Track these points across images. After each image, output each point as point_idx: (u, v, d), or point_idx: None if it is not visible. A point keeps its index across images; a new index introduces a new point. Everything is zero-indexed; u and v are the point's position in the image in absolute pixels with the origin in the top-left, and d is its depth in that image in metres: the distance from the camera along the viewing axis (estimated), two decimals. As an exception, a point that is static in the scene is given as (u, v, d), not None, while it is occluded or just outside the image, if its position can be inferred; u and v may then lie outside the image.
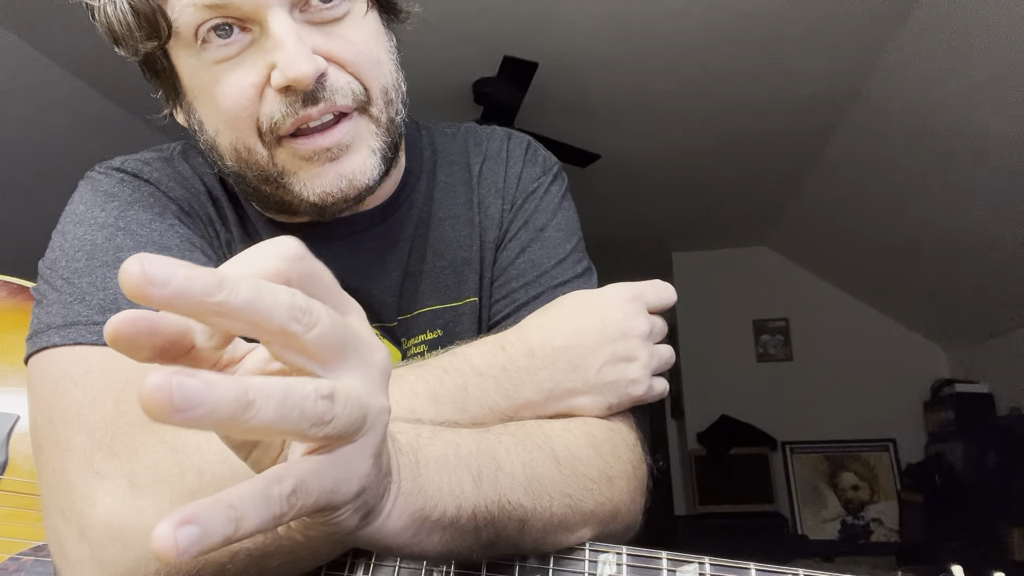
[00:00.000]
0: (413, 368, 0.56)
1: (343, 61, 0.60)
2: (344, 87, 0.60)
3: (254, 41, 0.58)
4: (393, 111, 0.65)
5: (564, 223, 0.75)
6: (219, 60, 0.58)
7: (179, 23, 0.57)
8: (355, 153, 0.62)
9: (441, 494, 0.42)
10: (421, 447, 0.43)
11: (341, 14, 0.61)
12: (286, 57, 0.56)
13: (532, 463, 0.50)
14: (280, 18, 0.57)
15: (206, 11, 0.56)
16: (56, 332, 0.54)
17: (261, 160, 0.62)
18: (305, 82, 0.57)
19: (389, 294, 0.73)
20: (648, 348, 0.61)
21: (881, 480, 4.34)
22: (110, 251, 0.58)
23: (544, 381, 0.58)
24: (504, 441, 0.50)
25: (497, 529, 0.46)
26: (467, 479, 0.45)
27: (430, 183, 0.77)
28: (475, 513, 0.44)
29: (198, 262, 0.59)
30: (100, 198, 0.63)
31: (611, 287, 0.64)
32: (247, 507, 0.27)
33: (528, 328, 0.61)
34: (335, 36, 0.60)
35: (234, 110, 0.59)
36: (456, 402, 0.54)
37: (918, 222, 3.46)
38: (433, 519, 0.42)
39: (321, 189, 0.62)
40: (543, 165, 0.78)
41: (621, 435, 0.61)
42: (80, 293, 0.55)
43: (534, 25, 2.55)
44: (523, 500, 0.48)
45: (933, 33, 2.42)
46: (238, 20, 0.57)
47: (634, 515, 0.59)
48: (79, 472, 0.46)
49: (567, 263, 0.72)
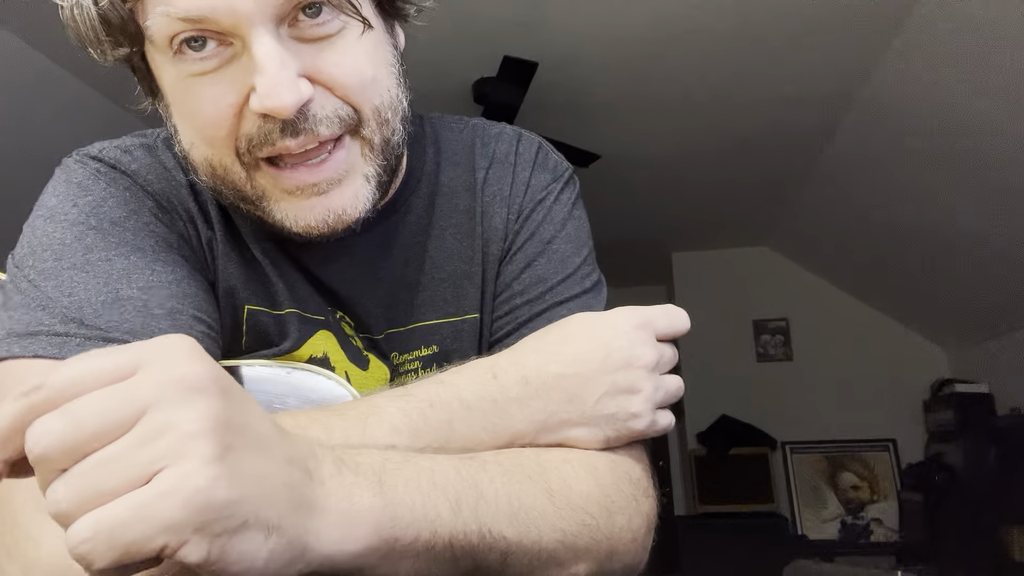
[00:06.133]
0: (394, 399, 0.52)
1: (332, 84, 0.55)
2: (330, 115, 0.55)
3: (235, 56, 0.53)
4: (389, 131, 0.60)
5: (574, 234, 0.70)
6: (196, 73, 0.54)
7: (152, 31, 0.52)
8: (348, 185, 0.58)
9: (414, 515, 0.41)
10: (388, 470, 0.42)
11: (334, 31, 0.55)
12: (266, 85, 0.51)
13: (519, 494, 0.48)
14: (263, 39, 0.51)
15: (180, 23, 0.51)
16: (16, 341, 0.51)
17: (238, 181, 0.57)
18: (285, 113, 0.52)
19: (378, 305, 0.68)
20: (653, 380, 0.56)
21: (881, 480, 4.34)
22: (79, 252, 0.55)
23: (536, 412, 0.53)
24: (490, 469, 0.48)
25: (476, 560, 0.45)
26: (443, 504, 0.43)
27: (432, 187, 0.72)
28: (452, 541, 0.43)
29: (173, 264, 0.58)
30: (73, 191, 0.59)
31: (619, 311, 0.58)
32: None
33: (524, 352, 0.56)
34: (325, 57, 0.55)
35: (211, 128, 0.55)
36: (439, 439, 0.51)
37: (918, 222, 3.46)
38: (405, 542, 0.41)
39: (305, 223, 0.57)
40: (554, 171, 0.73)
41: (625, 467, 0.56)
42: (44, 298, 0.53)
43: (534, 25, 2.55)
44: (506, 532, 0.46)
45: (933, 33, 2.42)
46: (217, 34, 0.52)
47: (635, 555, 0.56)
48: (24, 507, 0.43)
49: (575, 278, 0.68)
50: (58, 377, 0.32)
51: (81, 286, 0.54)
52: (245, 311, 0.65)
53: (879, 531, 4.24)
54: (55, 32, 0.60)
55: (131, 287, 0.55)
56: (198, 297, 0.59)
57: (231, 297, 0.65)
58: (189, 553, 0.32)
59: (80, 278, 0.54)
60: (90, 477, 0.31)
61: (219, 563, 0.33)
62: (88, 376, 0.33)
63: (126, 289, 0.54)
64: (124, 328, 0.53)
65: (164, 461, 0.32)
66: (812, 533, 4.29)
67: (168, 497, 0.31)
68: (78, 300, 0.53)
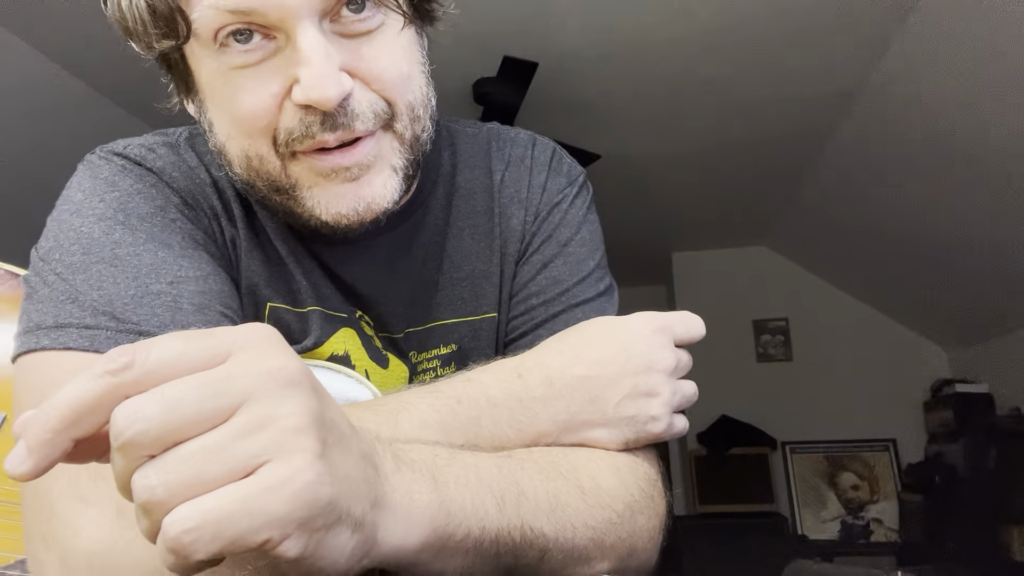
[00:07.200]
0: (424, 395, 0.53)
1: (370, 79, 0.57)
2: (366, 110, 0.57)
3: (278, 50, 0.54)
4: (419, 128, 0.61)
5: (588, 238, 0.72)
6: (238, 66, 0.55)
7: (198, 24, 0.53)
8: (377, 174, 0.59)
9: (465, 513, 0.42)
10: (439, 467, 0.43)
11: (374, 26, 0.57)
12: (311, 77, 0.53)
13: (556, 491, 0.49)
14: (309, 32, 0.53)
15: (228, 16, 0.52)
16: (46, 334, 0.51)
17: (273, 170, 0.58)
18: (328, 105, 0.54)
19: (399, 304, 0.69)
20: (672, 384, 0.57)
21: (881, 480, 4.33)
22: (107, 246, 0.55)
23: (560, 412, 0.55)
24: (527, 467, 0.49)
25: (517, 557, 0.45)
26: (490, 501, 0.44)
27: (449, 188, 0.73)
28: (498, 537, 0.43)
29: (200, 260, 0.59)
30: (100, 186, 0.59)
31: (638, 316, 0.59)
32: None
33: (547, 354, 0.58)
34: (364, 52, 0.56)
35: (250, 119, 0.56)
36: (468, 435, 0.52)
37: (918, 222, 3.46)
38: (458, 538, 0.41)
39: (336, 210, 0.58)
40: (568, 175, 0.75)
41: (644, 468, 0.58)
42: (73, 292, 0.53)
43: (534, 25, 2.55)
44: (546, 529, 0.47)
45: (934, 34, 2.42)
46: (262, 27, 0.53)
47: (649, 553, 0.57)
48: (62, 496, 0.43)
49: (589, 280, 0.70)
50: (148, 357, 0.31)
51: (110, 280, 0.54)
52: (267, 308, 0.66)
53: (879, 531, 4.23)
54: (55, 32, 0.60)
55: (160, 282, 0.55)
56: (224, 293, 0.59)
57: (253, 294, 0.66)
58: (289, 548, 0.31)
59: (109, 272, 0.54)
60: (189, 465, 0.30)
61: (312, 558, 0.33)
62: (179, 359, 0.32)
63: (155, 284, 0.55)
64: (154, 323, 0.53)
65: (268, 454, 0.31)
66: (812, 533, 4.29)
67: (276, 491, 0.31)
68: (108, 294, 0.53)
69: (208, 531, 0.29)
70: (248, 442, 0.31)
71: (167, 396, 0.30)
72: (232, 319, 0.58)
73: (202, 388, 0.31)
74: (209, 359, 0.32)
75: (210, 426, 0.31)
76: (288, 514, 0.31)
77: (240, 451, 0.31)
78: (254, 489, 0.30)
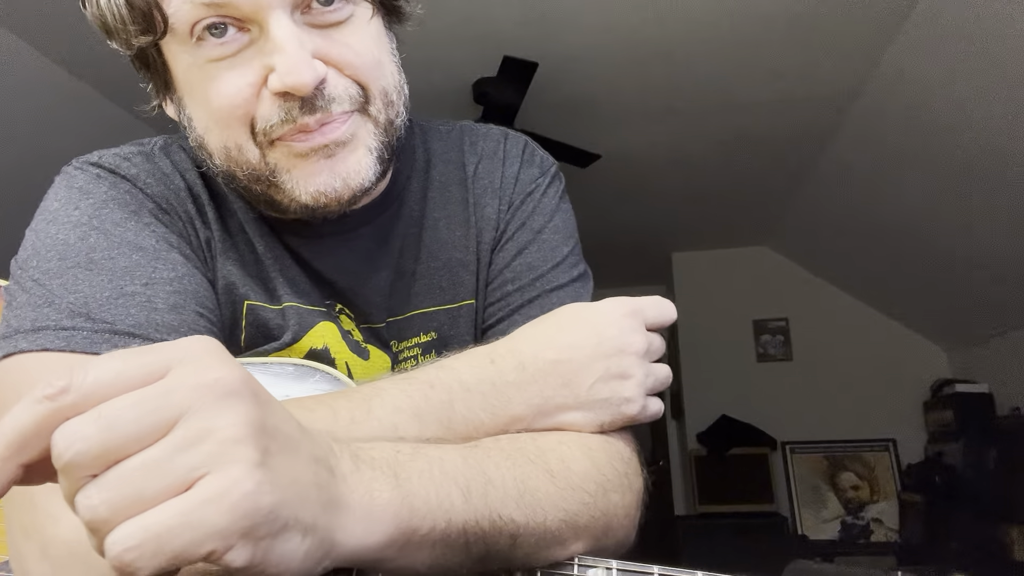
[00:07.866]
0: (397, 382, 0.54)
1: (342, 64, 0.59)
2: (342, 93, 0.59)
3: (252, 41, 0.57)
4: (393, 113, 0.64)
5: (561, 225, 0.74)
6: (214, 59, 0.57)
7: (175, 19, 0.55)
8: (351, 151, 0.61)
9: (429, 506, 0.42)
10: (401, 463, 0.43)
11: (343, 17, 0.59)
12: (286, 63, 0.55)
13: (524, 477, 0.49)
14: (281, 22, 0.55)
15: (203, 9, 0.55)
16: (24, 337, 0.52)
17: (252, 159, 0.60)
18: (304, 90, 0.56)
19: (378, 294, 0.71)
20: (644, 367, 0.58)
21: (881, 480, 4.34)
22: (82, 251, 0.57)
23: (533, 396, 0.55)
24: (494, 456, 0.50)
25: (488, 544, 0.46)
26: (455, 493, 0.44)
27: (423, 182, 0.75)
28: (465, 528, 0.44)
29: (174, 262, 0.60)
30: (75, 195, 0.61)
31: (609, 301, 0.60)
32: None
33: (519, 340, 0.58)
34: (335, 39, 0.59)
35: (227, 109, 0.58)
36: (441, 420, 0.52)
37: (918, 222, 3.46)
38: (423, 532, 0.42)
39: (314, 188, 0.60)
40: (540, 166, 0.77)
41: (616, 448, 0.59)
42: (50, 296, 0.54)
43: (534, 25, 2.55)
44: (515, 515, 0.47)
45: (934, 33, 2.42)
46: (236, 20, 0.56)
47: (627, 530, 0.57)
48: (42, 487, 0.44)
49: (563, 266, 0.71)
50: (85, 379, 0.32)
51: (86, 283, 0.55)
52: (244, 306, 0.67)
53: (879, 531, 4.24)
54: (56, 32, 0.61)
55: (134, 283, 0.56)
56: (199, 293, 0.60)
57: (230, 293, 0.67)
58: (235, 558, 0.32)
59: (84, 276, 0.55)
60: (129, 483, 0.31)
61: (261, 565, 0.33)
62: (117, 378, 0.32)
63: (130, 285, 0.56)
64: (129, 322, 0.54)
65: (206, 467, 0.31)
66: (812, 533, 4.29)
67: (215, 503, 0.31)
68: (83, 296, 0.54)
69: (149, 547, 0.30)
70: (186, 456, 0.31)
71: (104, 415, 0.31)
72: (208, 318, 0.60)
73: (140, 405, 0.31)
74: (148, 376, 0.32)
75: (150, 442, 0.31)
76: (229, 525, 0.31)
77: (179, 465, 0.31)
78: (193, 502, 0.31)
